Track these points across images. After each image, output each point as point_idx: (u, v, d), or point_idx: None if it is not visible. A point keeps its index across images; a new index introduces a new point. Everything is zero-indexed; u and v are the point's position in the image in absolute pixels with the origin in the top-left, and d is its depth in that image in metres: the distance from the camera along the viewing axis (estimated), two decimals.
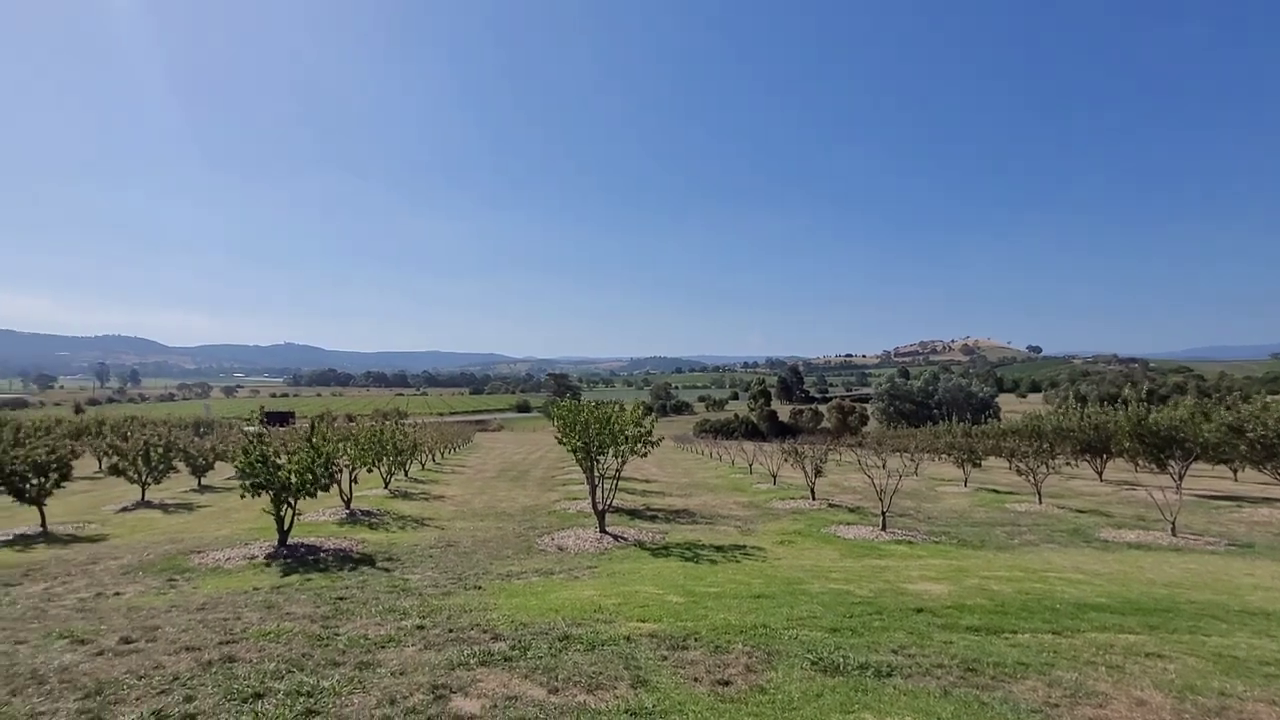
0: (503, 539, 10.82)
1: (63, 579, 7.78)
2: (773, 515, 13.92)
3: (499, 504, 15.59)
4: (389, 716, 3.54)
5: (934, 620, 5.63)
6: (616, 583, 7.38)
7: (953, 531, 11.91)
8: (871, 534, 11.34)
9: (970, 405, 76.59)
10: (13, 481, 10.96)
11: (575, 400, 13.15)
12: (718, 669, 4.26)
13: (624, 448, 11.36)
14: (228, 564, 8.56)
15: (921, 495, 17.48)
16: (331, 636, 5.14)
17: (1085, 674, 4.29)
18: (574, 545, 10.20)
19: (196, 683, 4.12)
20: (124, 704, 3.82)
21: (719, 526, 12.54)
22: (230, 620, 5.71)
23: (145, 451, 15.12)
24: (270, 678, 4.16)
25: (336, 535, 10.69)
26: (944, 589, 6.97)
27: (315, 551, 9.30)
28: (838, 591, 6.76)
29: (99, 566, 8.42)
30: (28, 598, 6.87)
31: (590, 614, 5.69)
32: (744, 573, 8.04)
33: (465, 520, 13.05)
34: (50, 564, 8.60)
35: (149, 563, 8.58)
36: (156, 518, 13.13)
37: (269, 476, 9.21)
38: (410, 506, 14.77)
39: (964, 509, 14.94)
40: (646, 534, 11.26)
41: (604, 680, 4.04)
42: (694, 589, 6.92)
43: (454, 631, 5.22)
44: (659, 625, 5.34)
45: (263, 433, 9.96)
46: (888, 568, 8.46)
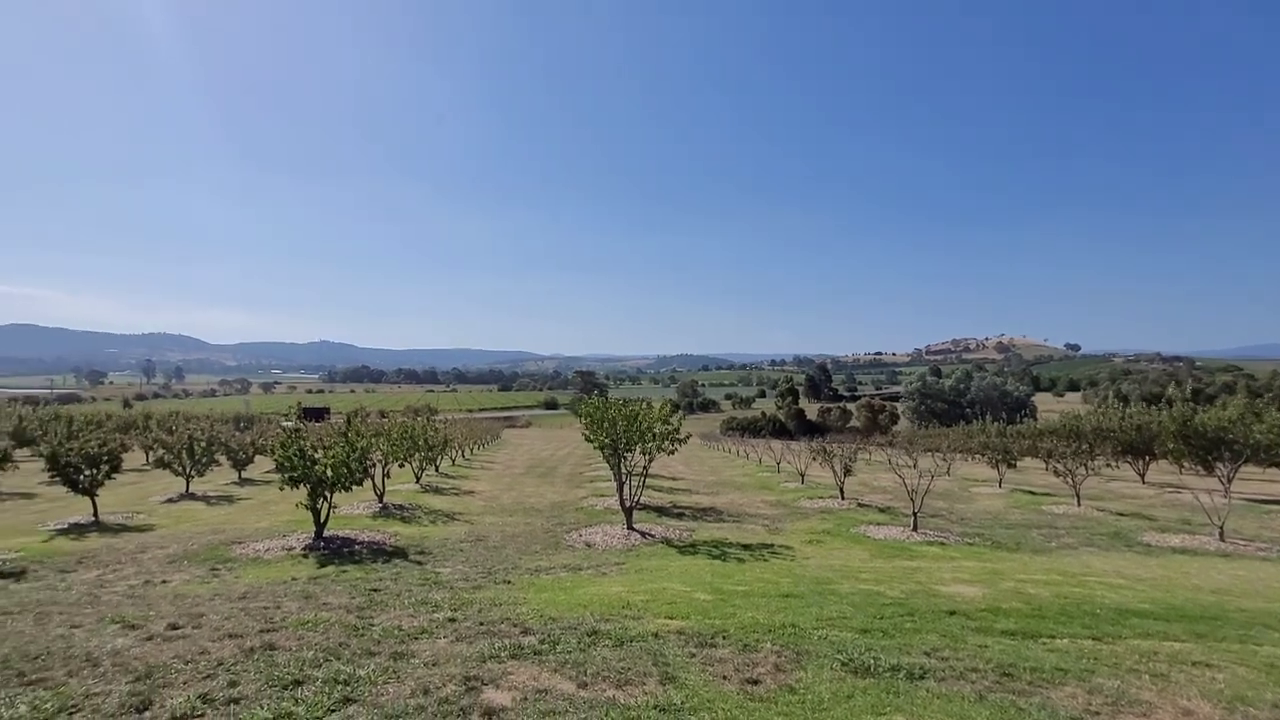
0: (531, 534, 10.94)
1: (114, 566, 8.12)
2: (801, 514, 13.79)
3: (527, 500, 15.76)
4: (423, 706, 3.61)
5: (968, 623, 5.53)
6: (644, 579, 7.40)
7: (987, 533, 11.66)
8: (902, 534, 11.16)
9: (1005, 404, 74.72)
10: (68, 473, 11.48)
11: (602, 398, 13.21)
12: (746, 667, 4.25)
13: (651, 445, 11.38)
14: (267, 555, 8.83)
15: (954, 496, 17.13)
16: (366, 627, 5.27)
17: (1128, 682, 4.17)
18: (602, 541, 10.26)
19: (240, 669, 4.26)
20: (172, 687, 3.97)
21: (746, 525, 12.48)
22: (270, 609, 5.89)
23: (189, 445, 15.67)
24: (309, 665, 4.29)
25: (370, 528, 10.93)
26: (978, 592, 6.83)
27: (350, 544, 9.53)
28: (868, 592, 6.68)
29: (147, 555, 8.76)
30: (82, 584, 7.19)
31: (618, 610, 5.73)
32: (772, 571, 8.00)
33: (494, 515, 13.23)
34: (102, 552, 8.99)
35: (193, 552, 8.90)
36: (200, 509, 13.60)
37: (306, 470, 9.47)
38: (441, 501, 15.03)
39: (998, 510, 14.60)
40: (674, 531, 11.27)
41: (632, 676, 4.07)
42: (722, 587, 6.90)
43: (485, 624, 5.30)
44: (687, 622, 5.34)
45: (300, 428, 10.23)
46: (919, 569, 8.33)
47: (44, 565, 8.17)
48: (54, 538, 10.16)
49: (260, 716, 3.47)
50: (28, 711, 3.60)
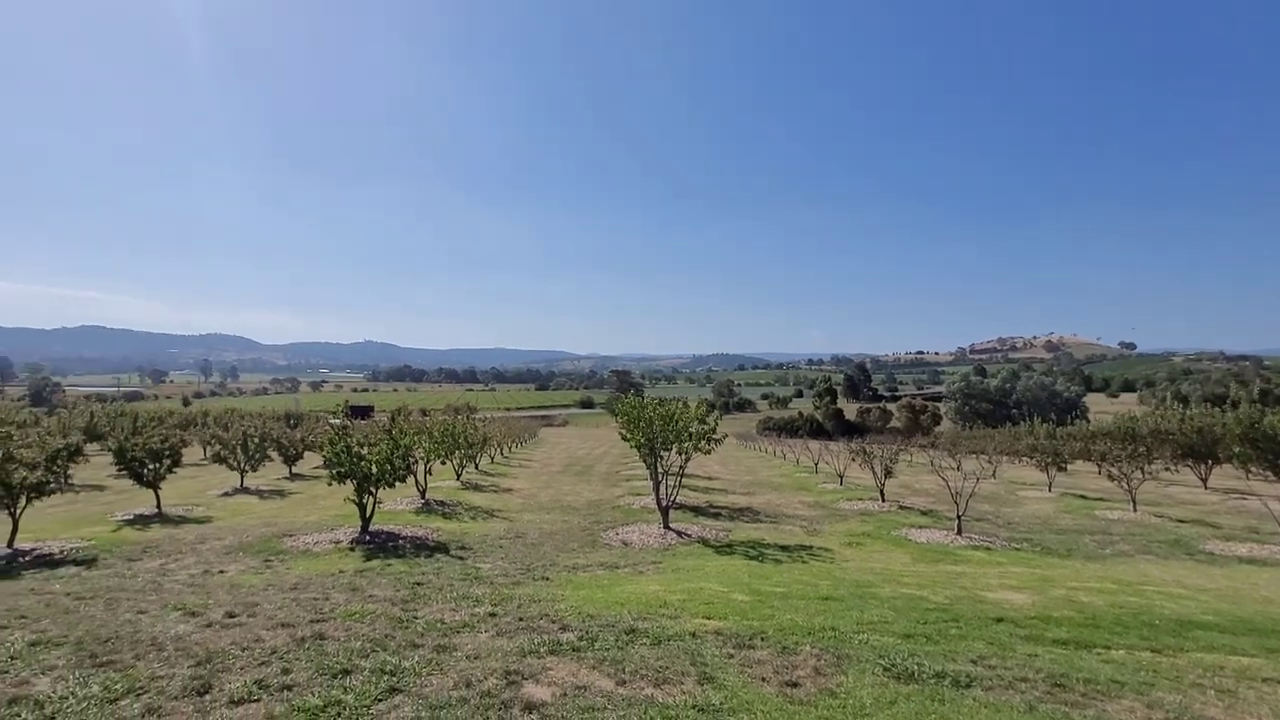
0: (568, 532, 11.05)
1: (175, 556, 8.54)
2: (840, 516, 13.58)
3: (564, 498, 15.92)
4: (465, 699, 3.69)
5: (1016, 631, 5.36)
6: (681, 579, 7.40)
7: (1035, 538, 11.27)
8: (946, 538, 10.88)
9: (1054, 405, 71.95)
10: (133, 466, 12.12)
11: (638, 397, 13.25)
12: (785, 670, 4.22)
13: (688, 445, 11.36)
14: (316, 547, 9.15)
15: (1000, 499, 16.61)
16: (410, 619, 5.41)
17: (1190, 697, 3.98)
18: (638, 540, 10.30)
19: (292, 657, 4.43)
20: (229, 672, 4.16)
21: (784, 526, 12.35)
22: (320, 600, 6.11)
23: (243, 441, 16.35)
24: (357, 655, 4.43)
25: (413, 524, 11.22)
26: (1027, 598, 6.62)
27: (394, 538, 9.80)
28: (910, 597, 6.54)
29: (205, 546, 9.18)
30: (147, 572, 7.59)
31: (655, 609, 5.74)
32: (810, 573, 7.89)
33: (532, 513, 13.41)
34: (164, 542, 9.46)
35: (247, 544, 9.29)
36: (253, 503, 14.17)
37: (352, 466, 9.78)
38: (480, 498, 15.31)
39: (1048, 515, 14.09)
40: (710, 531, 11.23)
41: (670, 675, 4.07)
42: (759, 588, 6.85)
43: (524, 620, 5.38)
44: (724, 623, 5.32)
45: (346, 425, 10.57)
46: (964, 574, 8.10)
47: (113, 554, 8.65)
48: (121, 528, 10.75)
49: (312, 704, 3.60)
50: (99, 691, 3.82)
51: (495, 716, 3.45)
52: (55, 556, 8.47)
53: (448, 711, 3.49)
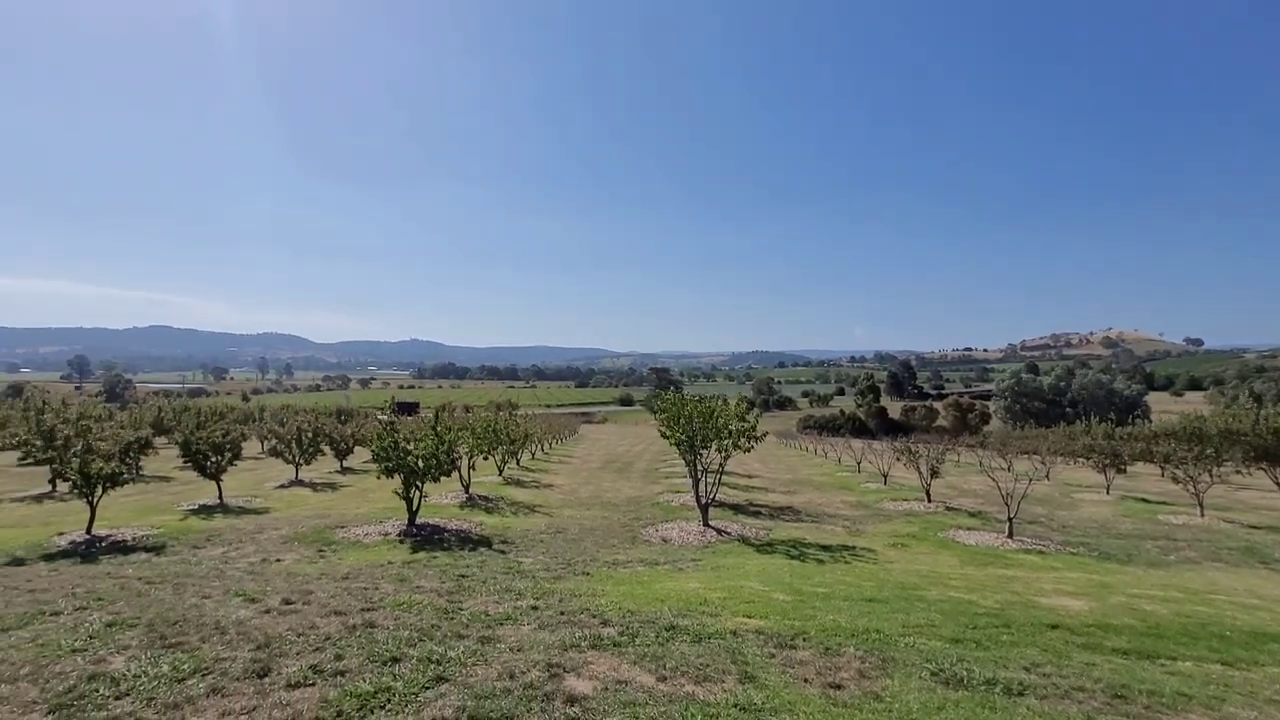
0: (608, 528, 11.13)
1: (236, 544, 8.96)
2: (883, 516, 13.29)
3: (604, 494, 16.04)
4: (509, 690, 3.76)
5: (1072, 639, 5.15)
6: (721, 577, 7.37)
7: (1092, 543, 10.80)
8: (996, 541, 10.53)
9: (1113, 404, 68.70)
10: (197, 459, 12.78)
11: (678, 394, 13.24)
12: (829, 671, 4.16)
13: (727, 442, 11.30)
14: (365, 539, 9.47)
15: (1054, 502, 15.97)
16: (456, 610, 5.54)
17: (1267, 714, 3.76)
18: (678, 537, 10.30)
19: (344, 644, 4.59)
20: (287, 657, 4.34)
21: (825, 525, 12.16)
22: (370, 590, 6.32)
23: (298, 436, 17.03)
24: (405, 644, 4.56)
25: (457, 517, 11.49)
26: (1084, 605, 6.35)
27: (440, 531, 10.06)
28: (958, 600, 6.35)
29: (263, 535, 9.61)
30: (210, 559, 7.99)
31: (696, 606, 5.74)
32: (853, 574, 7.76)
33: (573, 508, 13.56)
34: (226, 531, 9.94)
35: (302, 534, 9.68)
36: (307, 495, 14.75)
37: (400, 461, 10.07)
38: (522, 494, 15.56)
39: (1106, 519, 13.48)
40: (750, 530, 11.15)
41: (711, 673, 4.07)
42: (801, 588, 6.77)
43: (565, 614, 5.45)
44: (765, 622, 5.28)
45: (394, 421, 10.89)
46: (1016, 578, 7.83)
47: (179, 541, 9.14)
48: (187, 517, 11.34)
49: (363, 689, 3.73)
50: (169, 670, 4.04)
51: (538, 708, 3.51)
52: (128, 543, 9.00)
53: (492, 702, 3.56)
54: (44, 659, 4.22)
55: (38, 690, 3.73)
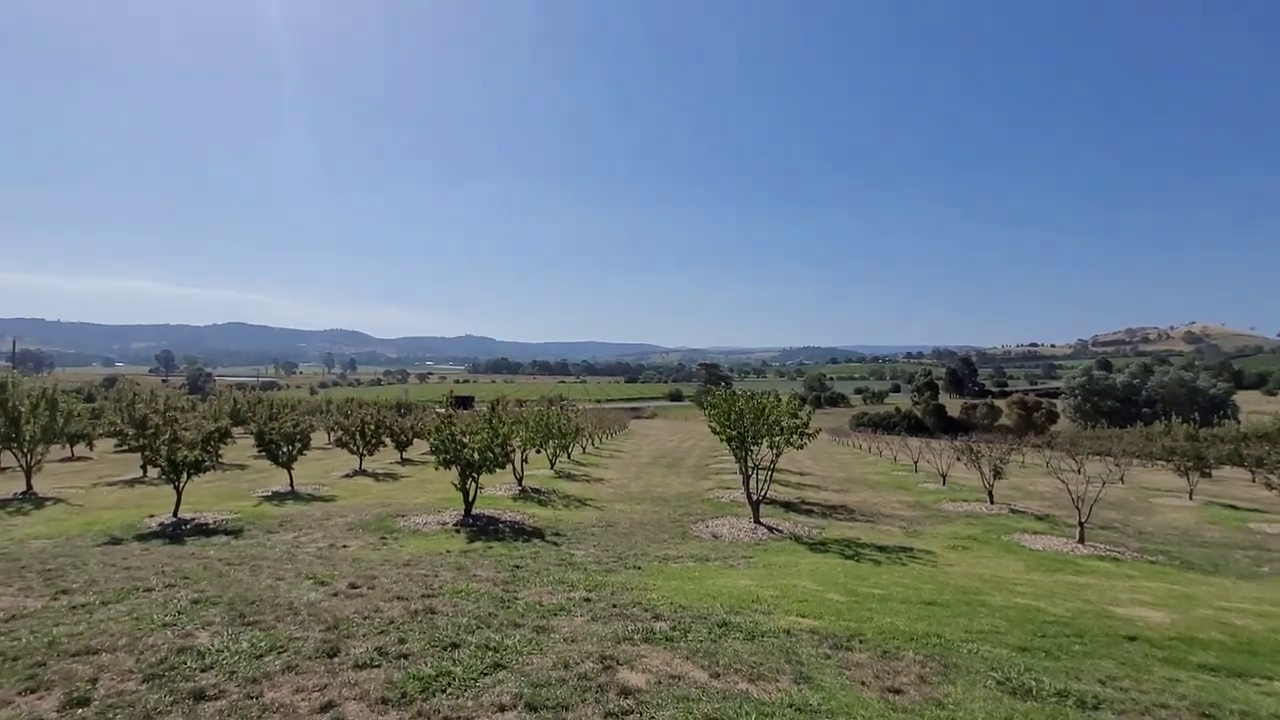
0: (659, 523, 11.17)
1: (306, 530, 9.44)
2: (942, 518, 12.84)
3: (654, 489, 16.10)
4: (564, 679, 3.83)
5: (1152, 652, 4.86)
6: (773, 575, 7.29)
7: (1174, 551, 10.15)
8: (1065, 546, 10.03)
9: (1195, 403, 64.20)
10: (271, 448, 13.52)
11: (728, 390, 13.13)
12: (887, 675, 4.06)
13: (779, 439, 11.14)
14: (425, 528, 9.81)
15: (1130, 506, 15.07)
16: (511, 600, 5.68)
17: None
18: (728, 534, 10.24)
19: (406, 628, 4.78)
20: (354, 638, 4.55)
21: (881, 525, 11.85)
22: (429, 577, 6.54)
23: (361, 428, 17.77)
24: (464, 631, 4.70)
25: (511, 509, 11.76)
26: (1164, 617, 5.98)
27: (494, 522, 10.32)
28: (1025, 607, 6.09)
29: (330, 522, 10.09)
30: (283, 544, 8.45)
31: (748, 604, 5.70)
32: (911, 576, 7.53)
33: (623, 503, 13.66)
34: (297, 518, 10.48)
35: (366, 522, 10.11)
36: (370, 484, 15.39)
37: (457, 453, 10.38)
38: (573, 487, 15.78)
39: (1189, 526, 12.63)
40: (802, 528, 10.98)
41: (765, 671, 4.03)
42: (856, 589, 6.62)
43: (617, 607, 5.50)
44: (819, 622, 5.19)
45: (451, 415, 11.23)
46: (1088, 586, 7.44)
47: (254, 525, 9.70)
48: (261, 503, 12.01)
49: (425, 673, 3.87)
50: (248, 647, 4.30)
51: (593, 698, 3.56)
52: (209, 526, 9.61)
53: (548, 690, 3.64)
54: (138, 631, 4.57)
55: (134, 660, 4.04)
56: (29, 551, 7.67)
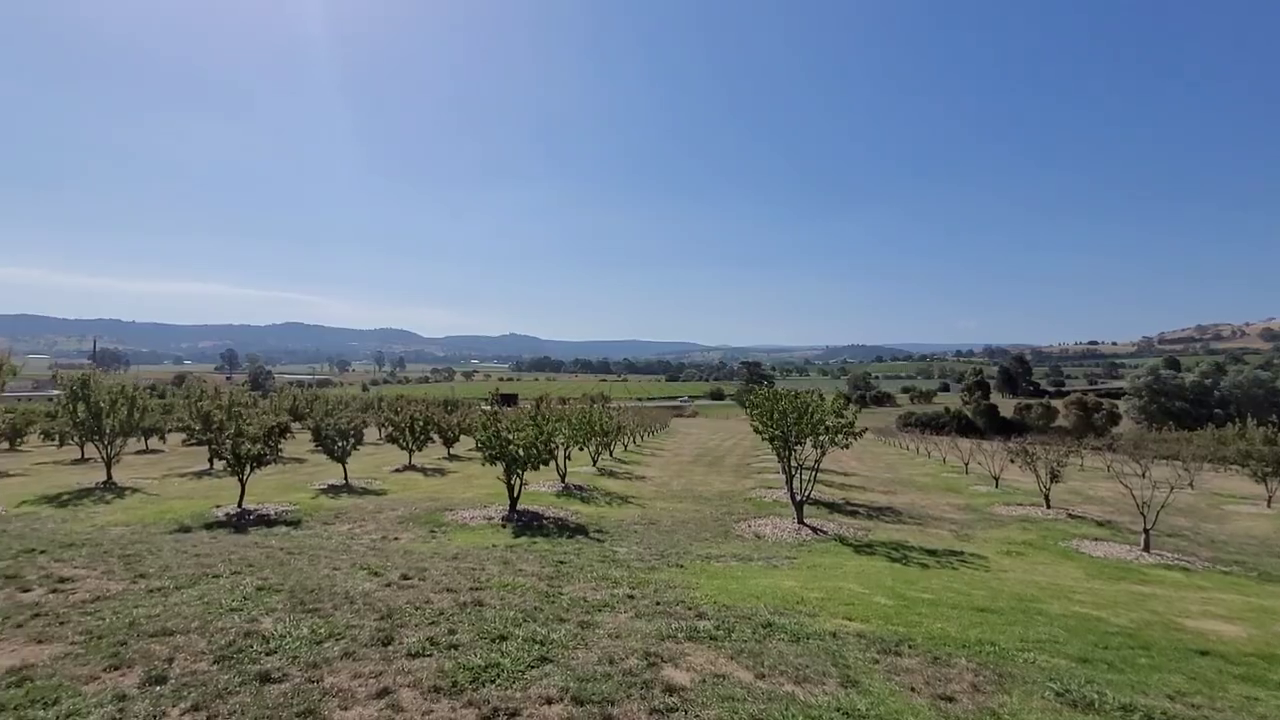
0: (701, 521, 11.15)
1: (360, 522, 9.80)
2: (995, 521, 12.41)
3: (696, 487, 16.06)
4: (609, 675, 3.88)
5: (1228, 668, 4.60)
6: (818, 576, 7.20)
7: (1250, 561, 9.55)
8: (1129, 554, 9.57)
9: (1274, 405, 60.04)
10: (327, 443, 14.07)
11: (770, 388, 12.99)
12: (938, 682, 3.96)
13: (824, 438, 10.97)
14: (471, 522, 10.05)
15: (1201, 513, 14.24)
16: (556, 594, 5.77)
17: None
18: (771, 534, 10.15)
19: (456, 619, 4.91)
20: (406, 628, 4.70)
21: (930, 528, 11.53)
22: (477, 570, 6.70)
23: (411, 425, 18.31)
24: (510, 624, 4.80)
25: (554, 505, 11.93)
26: (1240, 631, 5.64)
27: (538, 518, 10.49)
28: (1085, 616, 5.84)
29: (383, 515, 10.44)
30: (338, 535, 8.79)
31: (793, 605, 5.64)
32: (962, 581, 7.32)
33: (665, 501, 13.68)
34: (351, 510, 10.88)
35: (416, 515, 10.42)
36: (419, 479, 15.84)
37: (502, 450, 10.59)
38: (615, 484, 15.89)
39: (1266, 534, 11.86)
40: (847, 529, 10.78)
41: (811, 674, 3.99)
42: (904, 593, 6.48)
43: (661, 605, 5.53)
44: (866, 626, 5.11)
45: (496, 412, 11.47)
46: (1154, 596, 7.08)
47: (312, 517, 10.12)
48: (318, 495, 12.52)
49: (475, 663, 3.97)
50: (308, 633, 4.50)
51: (638, 694, 3.59)
52: (271, 517, 10.08)
53: (593, 685, 3.69)
54: (209, 615, 4.83)
55: (205, 642, 4.28)
56: (110, 537, 8.19)
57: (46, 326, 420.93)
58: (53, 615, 4.79)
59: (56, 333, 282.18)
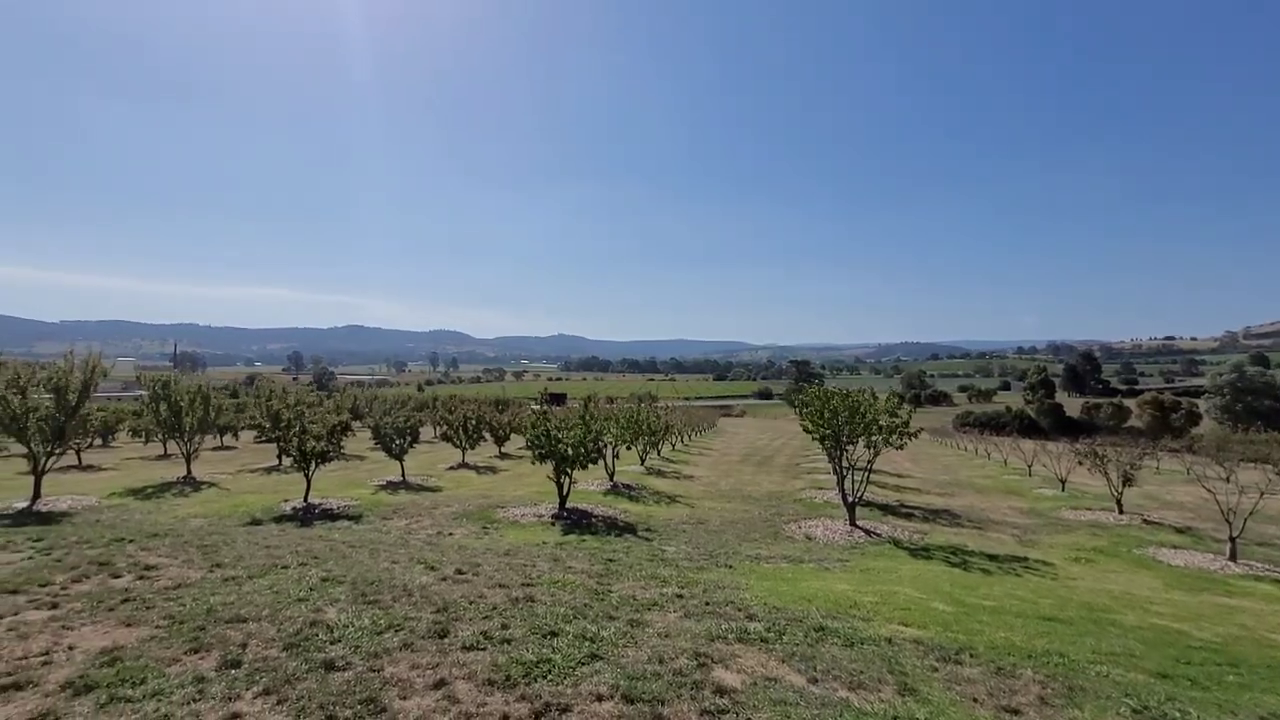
0: (749, 522, 11.03)
1: (416, 518, 10.12)
2: (1061, 526, 11.83)
3: (744, 487, 15.90)
4: (659, 674, 3.88)
5: None
6: (871, 580, 7.02)
7: None
8: (1212, 563, 8.95)
9: None
10: (385, 441, 14.60)
11: (820, 387, 12.73)
12: (1002, 693, 3.80)
13: (877, 439, 10.68)
14: (522, 519, 10.24)
15: None
16: (605, 592, 5.81)
17: None
18: (822, 535, 9.96)
19: (509, 614, 5.01)
20: (461, 621, 4.83)
21: (990, 533, 11.08)
22: (528, 566, 6.82)
23: (464, 424, 18.80)
24: (561, 620, 4.87)
25: (603, 504, 12.02)
26: None
27: (587, 516, 10.60)
28: (1164, 629, 5.50)
29: (438, 511, 10.76)
30: (396, 530, 9.11)
31: (846, 609, 5.52)
32: (1027, 589, 7.00)
33: (713, 500, 13.60)
34: (408, 506, 11.26)
35: (469, 512, 10.69)
36: (472, 476, 16.25)
37: (552, 448, 10.75)
38: (663, 483, 15.90)
39: None
40: (902, 532, 10.47)
41: (866, 680, 3.89)
42: (964, 599, 6.24)
43: (710, 605, 5.50)
44: (924, 632, 4.94)
45: (545, 411, 11.65)
46: (1242, 609, 6.60)
47: (372, 512, 10.52)
48: (377, 491, 13.01)
49: (527, 658, 4.05)
50: (369, 624, 4.68)
51: (688, 695, 3.58)
52: (334, 511, 10.53)
53: (644, 684, 3.70)
54: (278, 604, 5.08)
55: (275, 629, 4.50)
56: (189, 529, 8.73)
57: (133, 331, 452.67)
58: (139, 600, 5.14)
59: (142, 337, 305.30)
